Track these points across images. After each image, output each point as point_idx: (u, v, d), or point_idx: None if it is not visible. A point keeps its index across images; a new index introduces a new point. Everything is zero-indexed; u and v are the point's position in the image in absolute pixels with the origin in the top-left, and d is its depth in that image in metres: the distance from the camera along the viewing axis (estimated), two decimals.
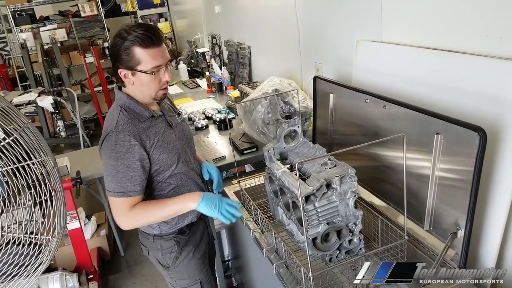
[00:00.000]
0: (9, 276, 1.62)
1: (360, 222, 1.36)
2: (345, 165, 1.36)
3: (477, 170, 1.14)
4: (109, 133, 1.44)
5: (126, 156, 1.42)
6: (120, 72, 1.46)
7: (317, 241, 1.33)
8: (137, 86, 1.49)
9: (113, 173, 1.43)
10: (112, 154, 1.42)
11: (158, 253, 1.69)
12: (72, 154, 3.36)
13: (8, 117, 1.57)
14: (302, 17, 2.43)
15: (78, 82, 6.93)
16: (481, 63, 1.27)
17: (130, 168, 1.43)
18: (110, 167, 1.43)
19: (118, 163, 1.42)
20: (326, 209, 1.32)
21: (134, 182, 1.45)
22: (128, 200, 1.45)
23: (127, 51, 1.41)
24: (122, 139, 1.42)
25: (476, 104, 1.30)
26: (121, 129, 1.43)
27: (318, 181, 1.29)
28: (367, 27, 1.82)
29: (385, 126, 1.51)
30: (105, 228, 3.24)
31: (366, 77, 1.83)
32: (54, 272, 2.31)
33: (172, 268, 1.70)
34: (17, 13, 6.30)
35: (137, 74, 1.45)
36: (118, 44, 1.42)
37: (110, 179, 1.44)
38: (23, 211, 1.60)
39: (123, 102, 1.51)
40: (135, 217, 1.48)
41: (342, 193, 1.32)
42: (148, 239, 1.69)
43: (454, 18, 1.38)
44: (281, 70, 2.85)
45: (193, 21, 5.43)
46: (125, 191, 1.44)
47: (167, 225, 1.64)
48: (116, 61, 1.45)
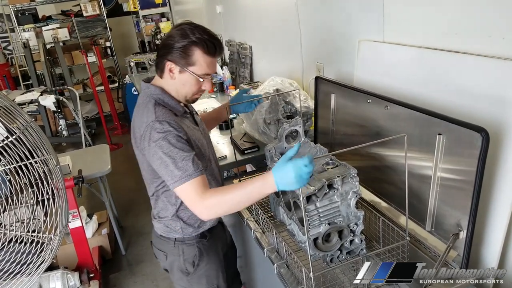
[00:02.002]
0: (11, 274, 1.63)
1: (361, 223, 1.36)
2: (346, 165, 1.36)
3: (480, 171, 1.14)
4: (149, 124, 1.37)
5: (176, 139, 1.35)
6: (168, 64, 1.43)
7: (319, 241, 1.33)
8: (177, 83, 1.46)
9: (170, 161, 1.32)
10: (162, 142, 1.34)
11: (179, 259, 1.62)
12: (74, 153, 3.37)
13: (11, 115, 1.58)
14: (304, 17, 2.43)
15: (80, 81, 6.95)
16: (484, 63, 1.27)
17: (184, 150, 1.34)
18: (165, 157, 1.33)
19: (171, 148, 1.33)
20: (327, 209, 1.32)
21: (194, 163, 1.33)
22: (196, 181, 1.31)
23: (186, 49, 1.40)
24: (167, 127, 1.36)
25: (478, 105, 1.30)
26: (162, 119, 1.37)
27: (320, 181, 1.29)
28: (369, 27, 1.82)
29: (387, 126, 1.51)
30: (106, 227, 3.25)
31: (368, 77, 1.82)
32: (56, 271, 2.31)
33: (192, 275, 1.64)
34: (20, 13, 6.31)
35: (185, 73, 1.43)
36: (177, 39, 1.40)
37: (172, 169, 1.32)
38: (25, 209, 1.60)
39: (157, 95, 1.47)
40: (212, 197, 1.29)
41: (343, 194, 1.32)
42: (168, 244, 1.61)
43: (457, 18, 1.38)
44: (282, 70, 2.85)
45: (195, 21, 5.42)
46: (190, 173, 1.31)
47: (190, 229, 1.58)
48: (168, 53, 1.42)
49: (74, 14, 6.63)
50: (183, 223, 1.57)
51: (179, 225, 1.57)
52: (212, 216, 1.35)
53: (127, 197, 4.23)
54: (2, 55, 6.71)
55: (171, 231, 1.59)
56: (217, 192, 1.31)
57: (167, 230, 1.60)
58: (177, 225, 1.57)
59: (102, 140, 5.85)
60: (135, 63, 5.06)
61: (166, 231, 1.60)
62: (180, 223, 1.57)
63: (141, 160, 1.51)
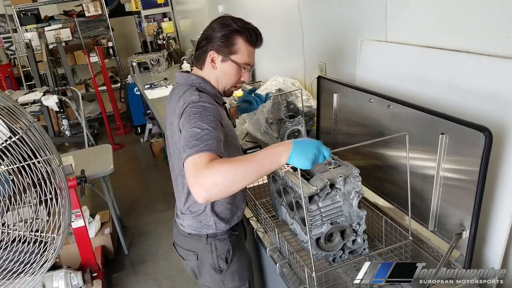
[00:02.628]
0: (15, 273, 1.63)
1: (364, 223, 1.36)
2: (349, 165, 1.35)
3: (483, 171, 1.14)
4: (193, 101, 1.32)
5: (215, 120, 1.29)
6: (210, 54, 1.44)
7: (321, 241, 1.33)
8: (218, 73, 1.47)
9: (198, 131, 1.22)
10: (198, 115, 1.28)
11: (211, 256, 1.57)
12: (76, 153, 3.38)
13: (14, 116, 1.58)
14: (306, 16, 2.43)
15: (82, 81, 6.96)
16: (487, 62, 1.27)
17: (217, 130, 1.26)
18: (195, 128, 1.24)
19: (204, 124, 1.25)
20: (329, 209, 1.32)
21: (219, 144, 1.23)
22: (209, 155, 1.15)
23: (229, 37, 1.42)
24: (210, 106, 1.32)
25: (481, 104, 1.30)
26: (206, 101, 1.34)
27: (322, 181, 1.28)
28: (371, 26, 1.82)
29: (389, 126, 1.50)
30: (109, 227, 3.26)
31: (370, 77, 1.82)
32: (59, 270, 2.32)
33: (226, 272, 1.60)
34: (22, 13, 6.33)
35: (226, 62, 1.45)
36: (218, 29, 1.42)
37: (195, 139, 1.20)
38: (28, 209, 1.61)
39: (199, 83, 1.45)
40: (213, 167, 1.10)
41: (346, 193, 1.32)
42: (199, 242, 1.57)
43: (459, 18, 1.38)
44: (284, 69, 2.85)
45: (196, 21, 5.44)
46: (209, 148, 1.17)
47: (223, 223, 1.54)
48: (210, 42, 1.43)
49: (76, 14, 6.64)
50: (217, 217, 1.53)
51: (213, 219, 1.53)
52: (212, 189, 1.09)
53: (129, 197, 4.24)
54: (5, 56, 6.73)
55: (204, 227, 1.54)
56: (222, 160, 1.16)
57: (199, 227, 1.55)
58: (210, 220, 1.53)
59: (105, 140, 5.86)
60: (137, 63, 5.07)
61: (198, 227, 1.55)
62: (213, 217, 1.53)
63: (178, 149, 1.43)
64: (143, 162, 5.16)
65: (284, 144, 1.14)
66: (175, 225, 1.67)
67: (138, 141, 5.77)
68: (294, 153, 1.12)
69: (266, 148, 1.16)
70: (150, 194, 4.28)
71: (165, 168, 4.72)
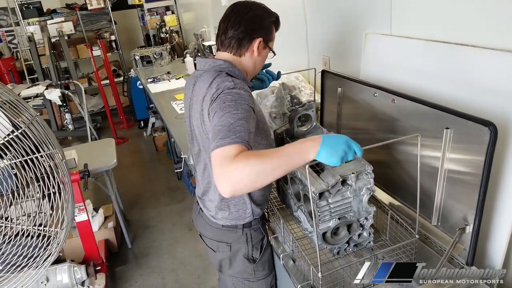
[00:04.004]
0: (19, 267, 1.64)
1: (371, 218, 1.35)
2: (362, 161, 1.31)
3: (487, 165, 1.13)
4: (227, 88, 1.28)
5: (248, 109, 1.24)
6: (257, 40, 1.43)
7: (327, 235, 1.32)
8: (257, 59, 1.48)
9: (231, 121, 1.17)
10: (232, 103, 1.23)
11: (246, 246, 1.55)
12: (79, 147, 3.38)
13: (16, 109, 1.58)
14: (310, 10, 2.41)
15: (85, 75, 6.96)
16: (492, 56, 1.25)
17: (249, 120, 1.21)
18: (228, 116, 1.19)
19: (239, 112, 1.20)
20: (339, 205, 1.30)
21: (249, 136, 1.17)
22: (238, 148, 1.11)
23: (270, 27, 1.47)
24: (244, 94, 1.27)
25: (487, 99, 1.29)
26: (240, 87, 1.29)
27: (334, 177, 1.26)
28: (375, 20, 1.80)
29: (394, 120, 1.49)
30: (112, 221, 3.27)
31: (375, 71, 1.81)
32: (62, 264, 2.33)
33: (258, 261, 1.58)
34: (25, 6, 6.32)
35: (265, 49, 1.49)
36: (266, 15, 1.46)
37: (226, 129, 1.15)
38: (31, 203, 1.61)
39: (228, 67, 1.41)
40: (240, 162, 1.06)
41: (357, 190, 1.30)
42: (234, 233, 1.53)
43: (465, 11, 1.36)
44: (288, 63, 2.83)
45: (199, 14, 5.41)
46: (241, 140, 1.13)
47: (258, 209, 1.51)
48: (258, 29, 1.44)
49: (79, 7, 6.63)
50: (254, 204, 1.50)
51: (250, 207, 1.49)
52: (238, 185, 1.06)
53: (132, 191, 4.25)
54: (7, 49, 6.74)
55: (241, 217, 1.50)
56: (248, 153, 1.10)
57: (236, 217, 1.50)
58: (248, 208, 1.49)
59: (108, 134, 5.87)
60: (140, 56, 5.05)
61: (235, 218, 1.51)
62: (251, 205, 1.49)
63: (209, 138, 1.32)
64: (146, 156, 5.16)
65: (313, 139, 1.11)
66: (199, 215, 1.64)
67: (141, 135, 5.77)
68: (323, 149, 1.08)
69: (294, 143, 1.12)
70: (153, 188, 4.28)
71: (168, 162, 4.73)
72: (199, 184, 1.62)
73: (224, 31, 1.44)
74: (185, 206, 3.84)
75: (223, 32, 1.45)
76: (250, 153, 1.09)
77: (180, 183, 4.29)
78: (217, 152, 1.10)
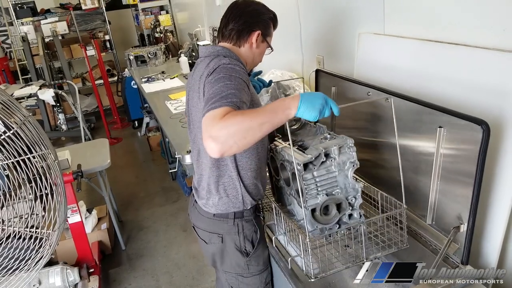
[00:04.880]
0: (10, 270, 1.62)
1: (359, 197, 1.35)
2: (344, 137, 1.35)
3: (480, 164, 1.13)
4: (222, 64, 1.35)
5: (242, 82, 1.30)
6: (258, 33, 1.53)
7: (316, 213, 1.31)
8: (255, 52, 1.56)
9: (224, 90, 1.23)
10: (226, 74, 1.29)
11: (238, 238, 1.55)
12: (73, 147, 3.36)
13: (8, 110, 1.56)
14: (304, 9, 2.41)
15: (79, 75, 6.93)
16: (484, 55, 1.26)
17: (242, 92, 1.26)
18: (222, 86, 1.24)
19: (232, 83, 1.26)
20: (324, 179, 1.31)
21: (241, 104, 1.22)
22: (226, 109, 1.16)
23: (268, 22, 1.57)
24: (239, 70, 1.35)
25: (479, 97, 1.29)
26: (236, 64, 1.38)
27: (317, 149, 1.29)
28: (369, 19, 1.80)
29: (387, 119, 1.49)
30: (106, 222, 3.25)
31: (368, 70, 1.81)
32: (55, 266, 2.31)
33: (252, 255, 1.57)
34: (18, 6, 6.27)
35: (263, 43, 1.57)
36: (265, 11, 1.57)
37: (219, 97, 1.20)
38: (23, 204, 1.59)
39: (225, 52, 1.48)
40: (228, 119, 1.12)
41: (341, 163, 1.32)
42: (225, 223, 1.54)
43: (457, 10, 1.37)
44: (282, 62, 2.83)
45: (194, 14, 5.40)
46: (231, 103, 1.18)
47: (250, 197, 1.51)
48: (257, 23, 1.53)
49: (73, 7, 6.59)
50: (245, 190, 1.50)
51: (241, 192, 1.50)
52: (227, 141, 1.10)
53: (126, 191, 4.23)
54: (1, 49, 6.69)
55: (231, 203, 1.51)
56: (235, 112, 1.16)
57: (226, 202, 1.51)
58: (239, 192, 1.50)
59: (102, 134, 5.84)
60: (134, 56, 5.03)
61: (225, 203, 1.52)
62: (241, 189, 1.50)
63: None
64: (141, 156, 5.14)
65: (292, 97, 1.19)
66: (193, 207, 1.64)
67: (135, 135, 5.75)
68: (303, 104, 1.16)
69: (274, 102, 1.20)
70: (147, 188, 4.27)
71: (163, 162, 4.71)
72: (195, 172, 1.64)
73: (225, 24, 1.54)
74: (180, 206, 3.82)
75: (224, 25, 1.55)
76: (236, 112, 1.15)
77: (174, 183, 4.27)
78: (207, 116, 1.16)
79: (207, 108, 1.17)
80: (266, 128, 1.14)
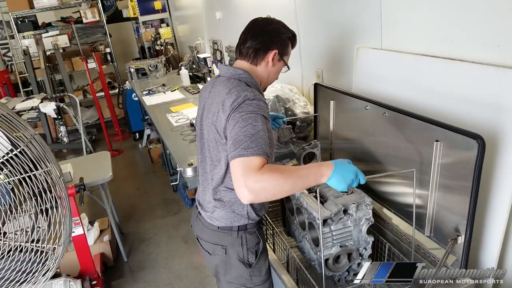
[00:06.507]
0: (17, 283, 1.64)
1: (370, 248, 1.44)
2: (361, 193, 1.45)
3: (476, 177, 1.16)
4: (248, 99, 1.36)
5: (266, 121, 1.35)
6: (272, 52, 1.52)
7: (329, 261, 1.41)
8: (271, 70, 1.56)
9: (253, 133, 1.28)
10: (253, 115, 1.32)
11: (241, 250, 1.57)
12: (75, 160, 3.39)
13: (15, 128, 1.59)
14: (303, 24, 2.45)
15: (80, 87, 6.96)
16: (479, 70, 1.29)
17: (266, 131, 1.32)
18: (250, 128, 1.29)
19: (259, 124, 1.31)
20: (341, 233, 1.41)
21: (267, 147, 1.29)
22: (261, 160, 1.23)
23: (286, 42, 1.56)
24: (263, 105, 1.38)
25: (475, 111, 1.32)
26: (259, 99, 1.39)
27: (337, 206, 1.38)
28: (366, 34, 1.84)
29: (385, 132, 1.52)
30: (108, 234, 3.26)
31: (366, 84, 1.85)
32: (58, 278, 2.32)
33: (254, 266, 1.59)
34: (20, 20, 6.34)
35: (280, 62, 1.57)
36: (284, 30, 1.56)
37: (250, 140, 1.26)
38: (28, 219, 1.62)
39: (246, 78, 1.50)
40: (265, 174, 1.19)
41: (357, 219, 1.42)
42: (229, 235, 1.56)
43: (453, 26, 1.40)
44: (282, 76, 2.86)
45: (194, 27, 5.46)
46: (263, 152, 1.25)
47: (254, 213, 1.54)
48: (274, 42, 1.53)
49: (74, 20, 6.65)
50: (250, 207, 1.53)
51: (246, 209, 1.53)
52: (260, 195, 1.19)
53: (128, 203, 4.25)
54: (2, 62, 6.73)
55: (236, 217, 1.53)
56: (272, 168, 1.22)
57: (231, 217, 1.53)
58: (244, 209, 1.53)
59: (103, 146, 5.87)
60: (135, 69, 5.08)
61: (230, 218, 1.53)
62: (247, 206, 1.53)
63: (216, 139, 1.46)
64: (142, 168, 5.16)
65: (327, 165, 1.26)
66: (197, 219, 1.66)
67: (136, 147, 5.78)
68: (335, 175, 1.23)
69: (311, 165, 1.30)
70: (149, 200, 4.28)
71: (164, 174, 4.73)
72: (199, 184, 1.65)
73: (243, 42, 1.55)
74: (181, 218, 3.83)
75: (242, 42, 1.56)
76: (274, 168, 1.22)
77: (175, 195, 4.29)
78: (240, 161, 1.23)
79: (239, 152, 1.24)
80: (296, 189, 1.27)
